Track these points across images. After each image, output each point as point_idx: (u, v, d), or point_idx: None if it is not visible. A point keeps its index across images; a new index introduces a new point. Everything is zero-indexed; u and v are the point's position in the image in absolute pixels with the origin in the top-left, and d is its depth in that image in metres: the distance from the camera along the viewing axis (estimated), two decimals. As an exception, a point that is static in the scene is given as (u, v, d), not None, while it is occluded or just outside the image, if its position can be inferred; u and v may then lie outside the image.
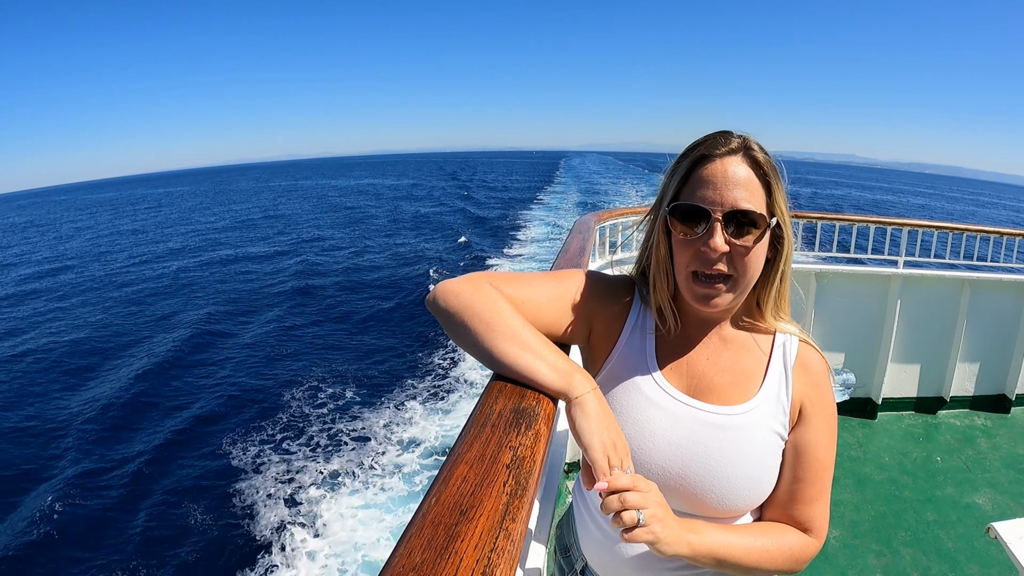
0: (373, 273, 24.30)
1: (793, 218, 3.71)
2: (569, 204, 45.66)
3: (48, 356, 16.14)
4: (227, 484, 9.24)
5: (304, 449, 10.15)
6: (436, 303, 1.09)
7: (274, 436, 10.69)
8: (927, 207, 77.96)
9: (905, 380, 6.06)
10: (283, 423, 11.18)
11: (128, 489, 9.33)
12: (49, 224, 64.74)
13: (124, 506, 8.91)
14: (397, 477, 9.00)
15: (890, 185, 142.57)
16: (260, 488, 9.03)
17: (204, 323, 17.85)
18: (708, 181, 1.03)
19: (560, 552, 1.49)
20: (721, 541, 1.05)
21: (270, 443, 10.43)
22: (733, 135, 1.07)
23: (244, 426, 11.12)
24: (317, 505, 8.46)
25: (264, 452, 10.11)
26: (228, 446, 10.39)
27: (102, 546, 8.06)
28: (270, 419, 11.36)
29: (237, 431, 10.92)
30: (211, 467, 9.83)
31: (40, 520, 8.55)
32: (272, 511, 8.44)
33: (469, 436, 0.86)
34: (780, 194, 1.07)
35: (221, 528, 8.23)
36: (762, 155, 1.06)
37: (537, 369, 1.01)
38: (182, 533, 8.19)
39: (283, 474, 9.37)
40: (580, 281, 1.21)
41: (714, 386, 1.14)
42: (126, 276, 27.60)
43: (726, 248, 1.02)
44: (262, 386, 13.04)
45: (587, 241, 2.94)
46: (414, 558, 0.61)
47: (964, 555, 3.91)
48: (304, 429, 10.91)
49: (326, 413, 11.50)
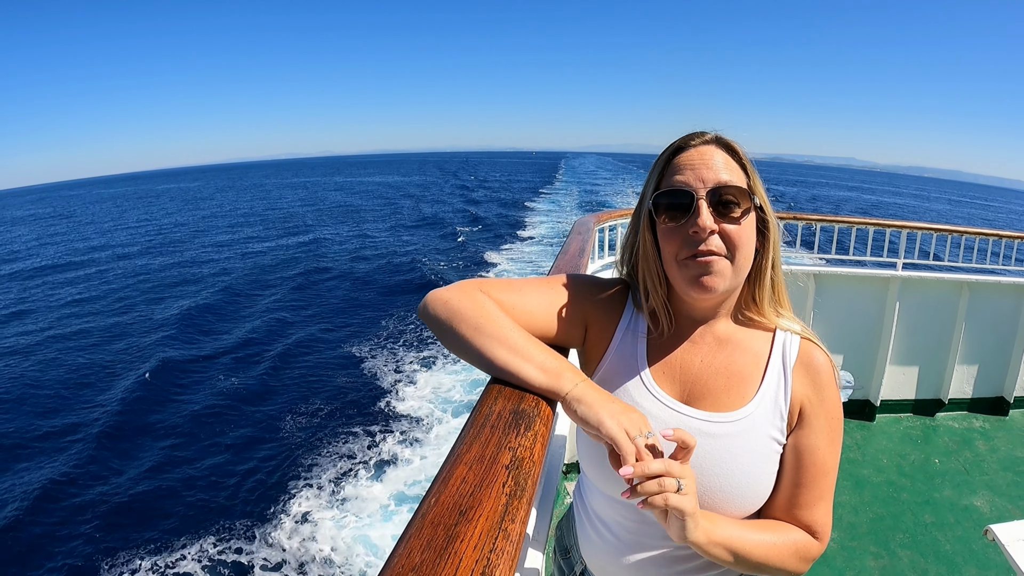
0: (371, 270, 24.46)
1: (793, 220, 3.76)
2: (569, 204, 45.70)
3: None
4: (229, 478, 9.25)
5: (304, 446, 10.15)
6: (427, 311, 1.10)
7: (274, 433, 10.71)
8: (928, 210, 78.10)
9: (904, 382, 6.06)
10: (272, 421, 11.19)
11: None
12: (78, 215, 66.32)
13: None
14: (396, 478, 9.00)
15: (895, 188, 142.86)
16: (258, 486, 9.04)
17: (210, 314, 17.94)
18: (687, 166, 1.04)
19: (560, 553, 1.49)
20: (733, 533, 1.03)
21: (267, 441, 10.44)
22: (706, 132, 1.09)
23: (243, 421, 11.14)
24: (316, 504, 8.46)
25: (264, 449, 10.12)
26: (234, 442, 10.41)
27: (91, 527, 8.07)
28: (262, 418, 11.38)
29: (238, 426, 10.94)
30: (216, 463, 9.83)
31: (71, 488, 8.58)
32: (271, 508, 8.45)
33: (468, 437, 0.86)
34: (757, 179, 1.08)
35: (217, 527, 8.23)
36: (736, 145, 1.08)
37: (526, 371, 1.00)
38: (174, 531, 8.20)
39: (283, 471, 9.38)
40: (571, 284, 1.21)
41: (708, 390, 1.11)
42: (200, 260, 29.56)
43: (714, 226, 1.01)
44: (256, 383, 13.07)
45: (586, 242, 2.93)
46: (414, 558, 0.62)
47: (962, 557, 3.91)
48: (300, 426, 10.92)
49: (319, 413, 11.50)
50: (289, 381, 13.34)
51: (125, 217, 58.10)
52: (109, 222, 54.26)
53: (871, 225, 6.16)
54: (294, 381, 13.32)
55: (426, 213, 45.26)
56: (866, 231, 6.19)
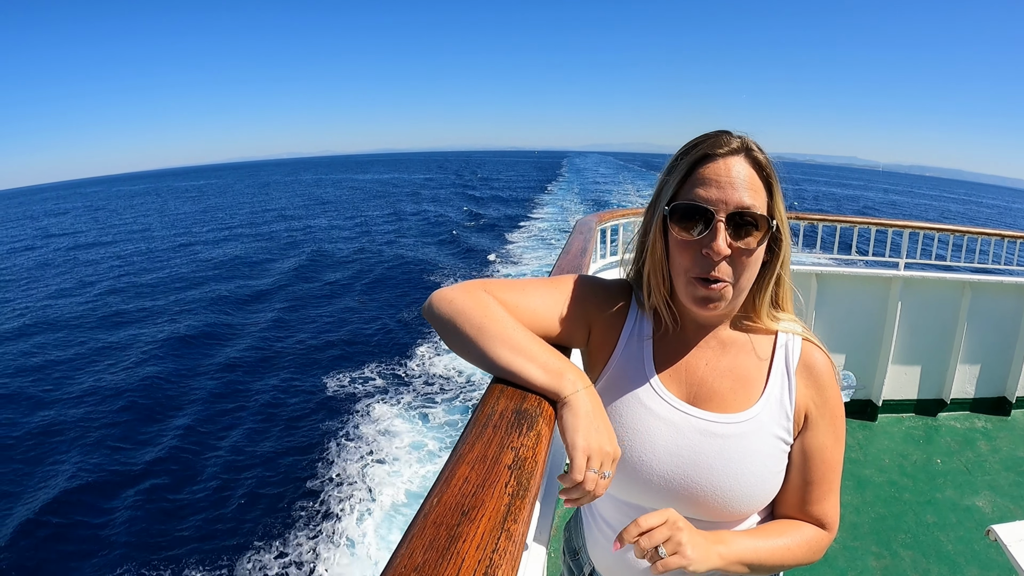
0: (372, 269, 24.56)
1: (794, 220, 3.76)
2: (572, 202, 45.68)
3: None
4: (233, 475, 9.26)
5: (305, 441, 10.16)
6: (431, 310, 1.09)
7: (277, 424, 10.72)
8: (930, 207, 78.13)
9: (905, 382, 6.05)
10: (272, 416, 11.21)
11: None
12: (113, 209, 70.28)
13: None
14: (397, 478, 9.01)
15: (896, 187, 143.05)
16: (262, 482, 9.05)
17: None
18: (710, 180, 1.00)
19: (569, 555, 1.50)
20: (748, 547, 1.05)
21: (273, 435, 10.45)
22: (733, 135, 1.04)
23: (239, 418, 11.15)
24: (315, 503, 8.47)
25: (270, 442, 10.13)
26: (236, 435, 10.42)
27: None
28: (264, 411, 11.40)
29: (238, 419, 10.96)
30: (222, 459, 9.85)
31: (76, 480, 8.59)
32: (270, 503, 8.46)
33: (471, 437, 0.86)
34: (779, 196, 1.05)
35: (217, 522, 8.24)
36: (763, 156, 1.04)
37: (528, 371, 1.00)
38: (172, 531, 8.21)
39: (286, 470, 9.39)
40: (575, 285, 1.20)
41: (714, 392, 1.12)
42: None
43: (728, 251, 0.99)
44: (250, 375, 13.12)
45: (588, 242, 2.93)
46: (416, 558, 0.62)
47: (964, 557, 3.90)
48: (297, 420, 10.94)
49: (321, 407, 11.52)
50: (296, 372, 13.55)
51: (172, 207, 61.34)
52: (155, 214, 58.68)
53: (873, 225, 6.15)
54: (300, 373, 13.48)
55: (428, 211, 45.33)
56: (868, 231, 6.18)
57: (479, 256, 26.18)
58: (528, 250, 26.88)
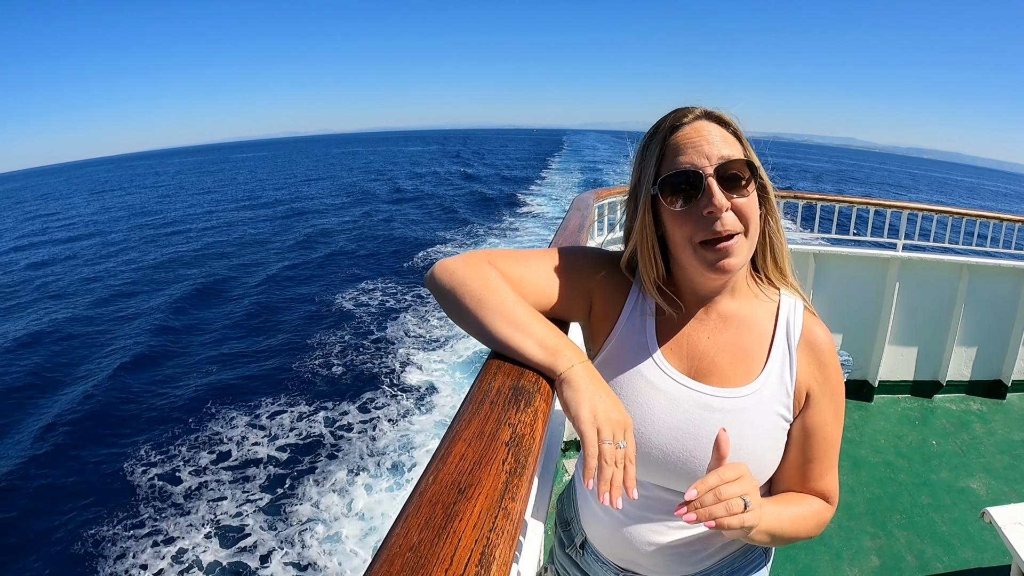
0: (368, 243, 24.64)
1: (793, 199, 3.73)
2: (571, 181, 45.58)
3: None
4: (233, 459, 9.30)
5: (300, 423, 10.19)
6: (433, 280, 1.09)
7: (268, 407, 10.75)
8: (928, 187, 78.26)
9: (902, 363, 6.08)
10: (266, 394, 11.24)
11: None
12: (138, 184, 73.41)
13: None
14: (393, 456, 9.05)
15: (893, 168, 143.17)
16: (252, 470, 9.09)
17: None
18: (687, 145, 1.01)
19: (561, 526, 1.51)
20: (772, 514, 1.05)
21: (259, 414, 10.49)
22: (694, 107, 1.06)
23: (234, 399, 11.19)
24: (310, 485, 8.51)
25: (256, 424, 10.17)
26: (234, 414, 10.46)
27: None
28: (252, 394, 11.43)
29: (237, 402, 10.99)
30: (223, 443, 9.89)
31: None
32: (265, 494, 8.50)
33: (467, 413, 0.85)
34: (751, 150, 1.06)
35: (225, 497, 8.29)
36: (725, 114, 1.06)
37: (525, 346, 1.00)
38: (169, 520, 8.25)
39: (278, 455, 9.43)
40: (579, 257, 1.20)
41: (715, 367, 1.12)
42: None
43: (728, 202, 0.99)
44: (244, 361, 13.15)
45: (586, 218, 2.92)
46: (411, 538, 0.60)
47: (958, 539, 3.94)
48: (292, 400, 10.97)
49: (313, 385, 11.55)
50: (285, 343, 13.69)
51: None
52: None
53: (872, 205, 6.14)
54: (290, 344, 13.61)
55: (426, 189, 45.20)
56: (866, 211, 6.18)
57: (476, 231, 26.25)
58: (529, 226, 26.91)
